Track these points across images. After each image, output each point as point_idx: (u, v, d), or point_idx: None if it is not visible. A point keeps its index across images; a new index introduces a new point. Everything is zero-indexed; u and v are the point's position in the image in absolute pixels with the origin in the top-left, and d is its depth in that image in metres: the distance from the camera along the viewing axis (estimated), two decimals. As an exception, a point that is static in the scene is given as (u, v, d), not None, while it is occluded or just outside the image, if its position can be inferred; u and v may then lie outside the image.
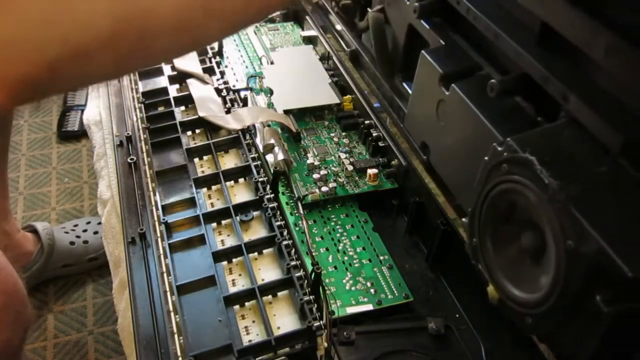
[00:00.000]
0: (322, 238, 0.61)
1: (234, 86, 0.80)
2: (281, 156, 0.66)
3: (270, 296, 0.55)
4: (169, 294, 0.54)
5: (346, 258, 0.59)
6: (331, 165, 0.68)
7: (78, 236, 1.13)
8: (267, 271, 0.58)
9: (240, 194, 0.66)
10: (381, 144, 0.67)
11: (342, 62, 0.80)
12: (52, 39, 0.26)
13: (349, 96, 0.76)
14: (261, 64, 0.85)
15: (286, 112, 0.74)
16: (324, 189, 0.64)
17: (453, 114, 0.51)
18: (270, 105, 0.77)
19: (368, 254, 0.60)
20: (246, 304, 0.55)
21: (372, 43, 0.69)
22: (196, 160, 0.71)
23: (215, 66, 0.83)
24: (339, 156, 0.69)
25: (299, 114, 0.76)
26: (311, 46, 0.88)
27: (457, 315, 0.56)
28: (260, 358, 0.50)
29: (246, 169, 0.68)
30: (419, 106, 0.58)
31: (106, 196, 0.90)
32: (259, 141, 0.70)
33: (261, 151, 0.69)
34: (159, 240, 0.60)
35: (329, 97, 0.76)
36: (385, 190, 0.65)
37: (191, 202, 0.65)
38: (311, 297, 0.53)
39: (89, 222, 1.17)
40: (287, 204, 0.64)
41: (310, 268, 0.55)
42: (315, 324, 0.51)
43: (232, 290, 0.56)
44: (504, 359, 0.52)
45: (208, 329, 0.52)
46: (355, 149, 0.71)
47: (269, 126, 0.72)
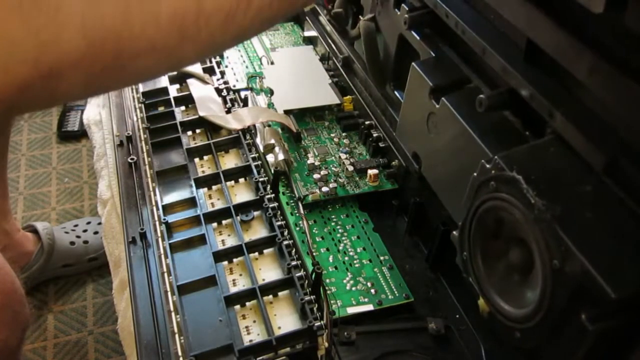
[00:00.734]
0: (322, 238, 0.61)
1: (234, 86, 0.80)
2: (281, 156, 0.66)
3: (270, 296, 0.55)
4: (169, 293, 0.54)
5: (346, 258, 0.59)
6: (331, 166, 0.68)
7: (78, 236, 1.13)
8: (267, 271, 0.58)
9: (240, 194, 0.67)
10: (381, 144, 0.67)
11: (342, 62, 0.80)
12: (23, 60, 0.26)
13: (349, 97, 0.76)
14: (261, 64, 0.85)
15: (286, 112, 0.75)
16: (325, 189, 0.64)
17: (443, 127, 0.50)
18: (271, 106, 0.77)
19: (368, 254, 0.60)
20: (247, 303, 0.55)
21: (363, 51, 0.69)
22: (196, 160, 0.71)
23: (216, 66, 0.83)
24: (339, 156, 0.69)
25: (299, 114, 0.76)
26: (311, 46, 0.88)
27: (457, 316, 0.56)
28: (261, 358, 0.50)
29: (246, 168, 0.68)
30: (410, 117, 0.57)
31: (106, 196, 0.90)
32: (259, 141, 0.71)
33: (261, 151, 0.69)
34: (160, 240, 0.60)
35: (330, 97, 0.76)
36: (386, 191, 0.65)
37: (192, 202, 0.65)
38: (312, 297, 0.53)
39: (89, 222, 1.17)
40: (287, 204, 0.64)
41: (310, 268, 0.55)
42: (316, 324, 0.51)
43: (233, 290, 0.56)
44: None
45: (209, 329, 0.52)
46: (356, 149, 0.71)
47: (269, 126, 0.72)
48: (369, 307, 0.55)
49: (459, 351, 0.53)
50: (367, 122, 0.71)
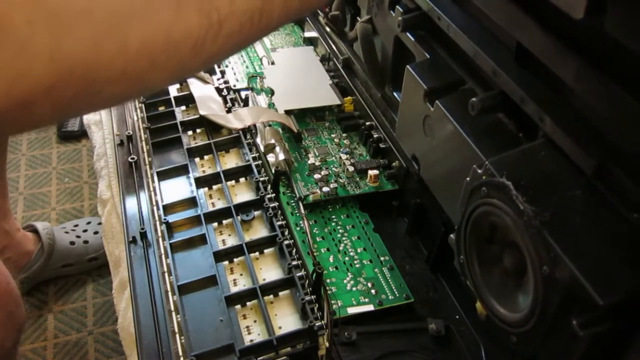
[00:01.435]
0: (323, 238, 0.61)
1: (234, 86, 0.80)
2: (282, 156, 0.66)
3: (271, 296, 0.55)
4: (170, 293, 0.54)
5: (347, 258, 0.59)
6: (332, 166, 0.68)
7: (78, 236, 1.13)
8: (268, 271, 0.58)
9: (241, 193, 0.67)
10: (382, 145, 0.68)
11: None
12: None
13: (349, 97, 0.76)
14: (262, 64, 0.85)
15: (287, 112, 0.75)
16: (325, 189, 0.64)
17: (438, 130, 0.50)
18: (271, 106, 0.77)
19: (369, 255, 0.60)
20: (247, 303, 0.55)
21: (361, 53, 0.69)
22: (197, 159, 0.71)
23: (216, 65, 0.83)
24: (340, 157, 0.69)
25: (300, 115, 0.76)
26: (312, 47, 0.88)
27: (457, 317, 0.56)
28: (261, 358, 0.50)
29: (247, 168, 0.68)
30: (407, 120, 0.57)
31: (106, 196, 0.90)
32: (259, 141, 0.71)
33: (262, 151, 0.69)
34: (160, 240, 0.60)
35: (330, 98, 0.76)
36: (386, 192, 0.65)
37: (192, 202, 0.65)
38: (312, 297, 0.53)
39: (89, 222, 1.17)
40: (288, 203, 0.64)
41: (311, 268, 0.55)
42: (316, 324, 0.51)
43: (234, 290, 0.56)
44: (504, 360, 0.52)
45: (209, 329, 0.52)
46: (356, 150, 0.71)
47: (270, 126, 0.72)
48: (370, 308, 0.55)
49: (459, 352, 0.53)
50: (367, 123, 0.71)
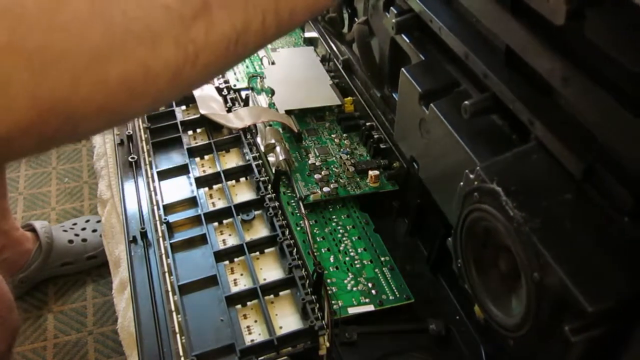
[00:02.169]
0: (323, 238, 0.61)
1: (234, 85, 0.80)
2: (282, 156, 0.66)
3: (272, 296, 0.55)
4: (170, 293, 0.54)
5: (347, 259, 0.59)
6: (332, 166, 0.68)
7: (77, 234, 1.13)
8: (268, 271, 0.58)
9: (241, 193, 0.67)
10: (382, 145, 0.68)
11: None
12: None
13: (350, 98, 0.76)
14: (262, 64, 0.85)
15: (287, 112, 0.75)
16: (326, 189, 0.64)
17: (434, 133, 0.50)
18: (272, 105, 0.77)
19: (369, 255, 0.60)
20: (248, 303, 0.55)
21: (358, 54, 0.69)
22: (197, 159, 0.71)
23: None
24: (340, 157, 0.69)
25: (300, 115, 0.76)
26: (312, 47, 0.88)
27: (458, 317, 0.56)
28: (262, 358, 0.50)
29: (247, 168, 0.68)
30: (404, 122, 0.57)
31: (106, 196, 0.90)
32: (260, 141, 0.71)
33: (262, 151, 0.69)
34: (161, 240, 0.60)
35: (330, 98, 0.76)
36: (387, 192, 0.65)
37: (192, 202, 0.65)
38: (313, 297, 0.53)
39: (87, 221, 1.17)
40: (288, 203, 0.64)
41: (311, 268, 0.55)
42: (317, 324, 0.51)
43: (234, 289, 0.56)
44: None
45: (210, 329, 0.52)
46: (357, 150, 0.71)
47: (270, 126, 0.72)
48: (370, 308, 0.55)
49: (460, 352, 0.53)
50: (367, 124, 0.71)
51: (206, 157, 0.71)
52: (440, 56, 0.53)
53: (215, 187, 0.67)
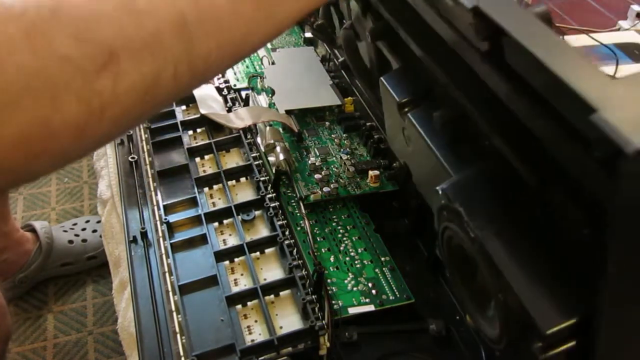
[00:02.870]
0: (323, 238, 0.61)
1: (234, 85, 0.80)
2: (282, 156, 0.66)
3: (272, 296, 0.55)
4: (171, 293, 0.54)
5: (348, 259, 0.59)
6: (333, 166, 0.68)
7: (77, 235, 1.13)
8: (269, 271, 0.58)
9: (242, 193, 0.67)
10: (382, 146, 0.67)
11: (343, 63, 0.80)
12: None
13: (350, 98, 0.76)
14: (262, 64, 0.85)
15: (287, 112, 0.75)
16: (326, 189, 0.64)
17: (414, 142, 0.49)
18: (272, 105, 0.77)
19: (369, 255, 0.60)
20: (248, 303, 0.55)
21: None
22: (197, 159, 0.71)
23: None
24: (340, 157, 0.69)
25: (300, 115, 0.76)
26: (312, 47, 0.88)
27: (458, 317, 0.56)
28: (262, 358, 0.50)
29: (248, 168, 0.68)
30: (391, 130, 0.56)
31: (106, 196, 0.90)
32: (260, 140, 0.71)
33: (262, 150, 0.69)
34: (161, 240, 0.60)
35: (331, 98, 0.76)
36: (387, 192, 0.65)
37: (193, 202, 0.65)
38: (313, 297, 0.53)
39: (87, 221, 1.17)
40: (288, 203, 0.64)
41: (312, 268, 0.55)
42: (317, 324, 0.51)
43: (235, 289, 0.56)
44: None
45: (210, 329, 0.52)
46: (357, 150, 0.71)
47: (270, 126, 0.72)
48: (370, 308, 0.55)
49: (460, 353, 0.53)
50: (368, 124, 0.71)
51: (206, 157, 0.71)
52: (417, 63, 0.53)
53: (215, 187, 0.67)
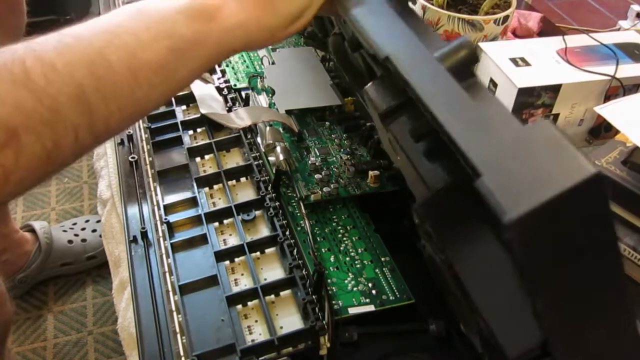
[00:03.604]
0: (324, 238, 0.61)
1: (235, 85, 0.80)
2: (283, 156, 0.66)
3: (272, 296, 0.55)
4: (171, 293, 0.54)
5: (348, 259, 0.59)
6: (333, 166, 0.68)
7: (76, 234, 1.13)
8: (269, 271, 0.58)
9: (242, 193, 0.66)
10: (383, 146, 0.67)
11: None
12: None
13: (350, 98, 0.76)
14: (262, 64, 0.85)
15: (288, 112, 0.75)
16: (326, 189, 0.64)
17: (398, 153, 0.48)
18: (272, 105, 0.77)
19: (370, 255, 0.60)
20: (249, 303, 0.55)
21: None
22: (198, 159, 0.71)
23: (216, 65, 0.82)
24: (340, 157, 0.69)
25: (301, 115, 0.76)
26: (312, 47, 0.88)
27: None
28: (263, 358, 0.50)
29: (248, 168, 0.68)
30: (383, 137, 0.55)
31: (106, 196, 0.90)
32: (260, 140, 0.71)
33: (263, 150, 0.69)
34: (161, 239, 0.60)
35: (331, 98, 0.76)
36: (387, 192, 0.65)
37: (193, 202, 0.65)
38: (314, 297, 0.53)
39: (87, 221, 1.17)
40: (289, 203, 0.64)
41: (312, 268, 0.55)
42: (318, 324, 0.51)
43: (235, 289, 0.56)
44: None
45: (211, 329, 0.52)
46: (357, 150, 0.71)
47: (270, 126, 0.72)
48: (371, 308, 0.55)
49: (460, 353, 0.53)
50: (368, 124, 0.71)
51: (207, 156, 0.71)
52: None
53: (215, 186, 0.67)
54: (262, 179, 0.65)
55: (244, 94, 0.79)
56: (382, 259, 0.60)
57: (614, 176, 0.61)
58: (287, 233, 0.59)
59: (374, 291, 0.56)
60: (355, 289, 0.56)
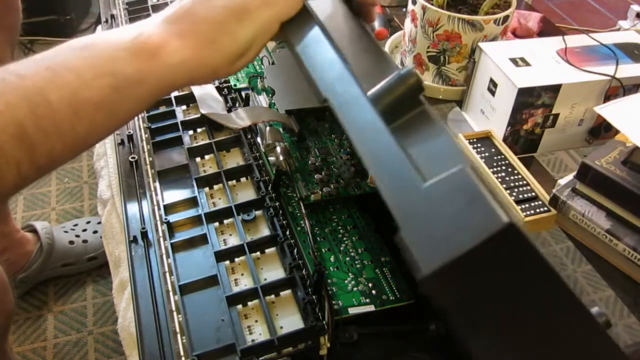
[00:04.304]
0: (324, 238, 0.61)
1: (234, 85, 0.80)
2: (283, 156, 0.66)
3: (272, 296, 0.55)
4: (171, 293, 0.54)
5: (348, 259, 0.59)
6: (333, 166, 0.68)
7: (77, 235, 1.13)
8: (269, 271, 0.58)
9: (242, 193, 0.66)
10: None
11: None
12: None
13: (350, 97, 0.76)
14: (262, 64, 0.85)
15: (288, 112, 0.74)
16: (326, 189, 0.64)
17: None
18: (272, 105, 0.77)
19: (370, 255, 0.60)
20: (249, 303, 0.55)
21: None
22: (198, 159, 0.71)
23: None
24: (340, 157, 0.69)
25: (301, 115, 0.76)
26: (313, 47, 0.88)
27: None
28: (263, 358, 0.50)
29: (248, 168, 0.68)
30: None
31: (106, 196, 0.90)
32: (260, 140, 0.71)
33: (263, 150, 0.69)
34: (161, 240, 0.60)
35: (331, 97, 0.76)
36: (387, 191, 0.65)
37: (193, 202, 0.65)
38: (314, 297, 0.53)
39: (88, 222, 1.17)
40: (289, 203, 0.64)
41: (312, 268, 0.55)
42: (318, 324, 0.51)
43: (235, 289, 0.56)
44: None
45: (211, 329, 0.52)
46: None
47: (270, 126, 0.72)
48: (371, 308, 0.55)
49: (460, 353, 0.53)
50: (368, 123, 0.71)
51: (207, 156, 0.71)
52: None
53: (215, 187, 0.67)
54: (262, 179, 0.65)
55: (244, 94, 0.79)
56: (382, 259, 0.60)
57: (614, 176, 0.61)
58: (287, 233, 0.59)
59: (374, 291, 0.56)
60: (355, 289, 0.56)
